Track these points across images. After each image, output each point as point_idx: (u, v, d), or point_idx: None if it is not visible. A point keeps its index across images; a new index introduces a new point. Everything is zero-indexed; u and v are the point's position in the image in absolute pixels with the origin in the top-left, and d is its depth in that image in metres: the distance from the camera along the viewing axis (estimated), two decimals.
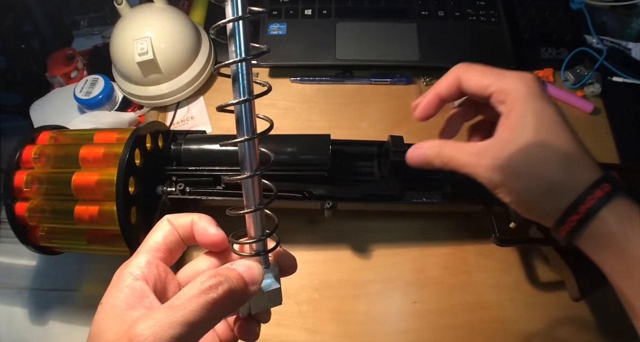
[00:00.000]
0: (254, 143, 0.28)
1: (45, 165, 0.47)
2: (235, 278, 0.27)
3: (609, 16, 0.76)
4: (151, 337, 0.23)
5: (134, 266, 0.28)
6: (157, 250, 0.30)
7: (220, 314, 0.26)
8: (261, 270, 0.29)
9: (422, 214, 0.58)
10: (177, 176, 0.50)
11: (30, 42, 0.77)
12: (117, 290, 0.27)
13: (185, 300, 0.25)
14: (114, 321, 0.25)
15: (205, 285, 0.25)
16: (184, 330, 0.24)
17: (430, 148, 0.37)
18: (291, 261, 0.33)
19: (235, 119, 0.27)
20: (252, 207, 0.29)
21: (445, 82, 0.38)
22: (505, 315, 0.53)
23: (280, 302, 0.31)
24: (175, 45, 0.64)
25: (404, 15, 0.71)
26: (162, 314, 0.24)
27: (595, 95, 0.68)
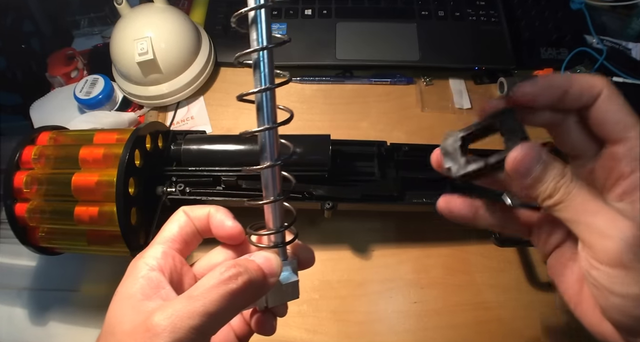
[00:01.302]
0: (274, 132, 0.27)
1: (45, 166, 0.47)
2: (255, 269, 0.26)
3: (609, 16, 0.76)
4: (169, 327, 0.23)
5: (149, 256, 0.28)
6: (173, 241, 0.29)
7: (239, 305, 0.25)
8: (279, 262, 0.28)
9: (422, 214, 0.58)
10: (177, 176, 0.50)
11: (30, 42, 0.77)
12: (132, 280, 0.26)
13: (205, 290, 0.24)
14: (129, 311, 0.25)
15: (225, 275, 0.25)
16: (203, 321, 0.23)
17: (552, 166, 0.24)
18: (309, 254, 0.32)
19: (255, 108, 0.27)
20: (272, 197, 0.28)
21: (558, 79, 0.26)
22: (505, 315, 0.53)
23: (298, 296, 0.31)
24: (175, 45, 0.64)
25: (404, 15, 0.71)
26: (180, 304, 0.24)
27: None
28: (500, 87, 0.69)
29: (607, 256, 0.22)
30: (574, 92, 0.25)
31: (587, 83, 0.25)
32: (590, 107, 0.25)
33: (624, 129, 0.24)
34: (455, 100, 0.68)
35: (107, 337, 0.25)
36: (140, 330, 0.23)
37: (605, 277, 0.23)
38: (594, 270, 0.23)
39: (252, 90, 0.26)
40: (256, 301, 0.28)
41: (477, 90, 0.69)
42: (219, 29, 0.74)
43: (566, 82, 0.25)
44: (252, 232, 0.30)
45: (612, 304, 0.23)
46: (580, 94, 0.25)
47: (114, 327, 0.25)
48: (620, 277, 0.22)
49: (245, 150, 0.51)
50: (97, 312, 0.54)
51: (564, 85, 0.25)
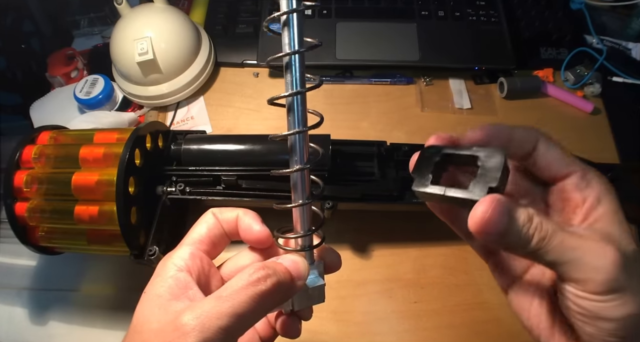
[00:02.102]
0: (305, 136, 0.27)
1: (45, 166, 0.47)
2: (283, 272, 0.26)
3: (609, 16, 0.76)
4: (198, 327, 0.23)
5: (177, 257, 0.28)
6: (201, 242, 0.29)
7: (267, 307, 0.26)
8: (307, 265, 0.28)
9: (422, 214, 0.58)
10: (177, 176, 0.50)
11: (30, 42, 0.77)
12: (160, 280, 0.26)
13: (234, 291, 0.24)
14: (158, 311, 0.25)
15: (254, 277, 0.25)
16: (231, 321, 0.23)
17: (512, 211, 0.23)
18: (336, 258, 0.32)
19: (286, 111, 0.27)
20: (300, 201, 0.28)
21: None
22: (505, 315, 0.52)
23: (323, 300, 0.31)
24: (175, 45, 0.64)
25: (404, 15, 0.71)
26: (209, 304, 0.24)
27: (595, 95, 0.68)
28: (500, 87, 0.69)
29: (600, 287, 0.23)
30: (517, 139, 0.27)
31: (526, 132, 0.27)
32: (531, 154, 0.27)
33: (567, 166, 0.26)
34: (455, 100, 0.68)
35: (133, 336, 0.25)
36: (168, 329, 0.23)
37: (596, 306, 0.23)
38: (584, 301, 0.23)
39: (284, 94, 0.26)
40: (283, 303, 0.29)
41: (477, 91, 0.69)
42: (219, 29, 0.74)
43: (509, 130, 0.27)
44: (280, 235, 0.30)
45: (604, 329, 0.24)
46: (523, 141, 0.27)
47: (141, 326, 0.25)
48: (613, 301, 0.23)
49: (245, 150, 0.51)
50: (97, 312, 0.54)
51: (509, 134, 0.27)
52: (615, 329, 0.23)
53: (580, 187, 0.26)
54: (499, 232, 0.23)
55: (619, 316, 0.23)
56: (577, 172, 0.26)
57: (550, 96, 0.68)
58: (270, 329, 0.32)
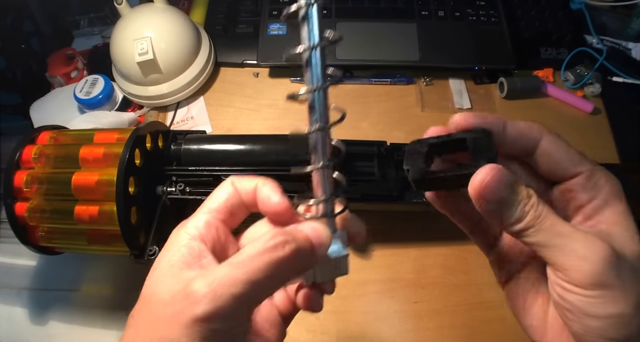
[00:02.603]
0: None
1: (45, 166, 0.47)
2: (302, 239, 0.25)
3: (609, 16, 0.76)
4: (210, 294, 0.21)
5: (191, 226, 0.26)
6: (218, 211, 0.27)
7: (284, 275, 0.24)
8: (329, 233, 0.26)
9: (422, 214, 0.58)
10: (177, 176, 0.50)
11: (30, 42, 0.77)
12: (173, 249, 0.25)
13: (249, 257, 0.23)
14: (169, 280, 0.23)
15: (270, 243, 0.23)
16: (245, 289, 0.22)
17: None
18: (360, 227, 0.30)
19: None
20: (320, 163, 0.26)
21: None
22: (505, 315, 0.52)
23: (347, 272, 0.29)
24: (175, 45, 0.64)
25: (404, 15, 0.71)
26: (222, 271, 0.22)
27: (595, 95, 0.68)
28: (500, 87, 0.69)
29: (586, 278, 0.22)
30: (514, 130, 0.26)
31: (526, 128, 0.26)
32: (533, 150, 0.26)
33: (574, 166, 0.25)
34: (455, 100, 0.68)
35: (143, 306, 0.24)
36: (179, 297, 0.22)
37: (582, 300, 0.23)
38: (570, 294, 0.23)
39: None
40: (302, 273, 0.27)
41: (477, 91, 0.70)
42: (219, 29, 0.74)
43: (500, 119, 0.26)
44: (300, 202, 0.28)
45: (590, 328, 0.23)
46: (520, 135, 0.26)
47: (151, 297, 0.24)
48: (600, 298, 0.22)
49: (245, 150, 0.51)
50: (97, 312, 0.54)
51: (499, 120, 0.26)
52: (603, 329, 0.23)
53: (586, 188, 0.25)
54: (497, 200, 0.23)
55: (606, 314, 0.22)
56: (585, 173, 0.25)
57: (550, 96, 0.68)
58: (290, 304, 0.30)
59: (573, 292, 0.23)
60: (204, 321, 0.21)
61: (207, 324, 0.21)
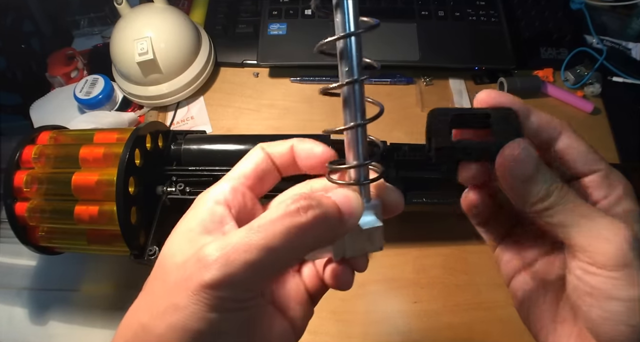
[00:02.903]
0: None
1: (45, 166, 0.47)
2: (330, 205, 0.22)
3: (609, 16, 0.76)
4: (222, 259, 0.20)
5: (216, 190, 0.25)
6: (246, 177, 0.26)
7: (306, 244, 0.22)
8: (360, 202, 0.24)
9: (422, 214, 0.58)
10: (177, 176, 0.50)
11: (30, 42, 0.77)
12: (194, 213, 0.24)
13: (267, 222, 0.21)
14: (185, 243, 0.23)
15: (292, 207, 0.21)
16: (261, 255, 0.20)
17: None
18: (397, 198, 0.27)
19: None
20: (354, 122, 0.24)
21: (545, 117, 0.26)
22: (505, 315, 0.52)
23: (381, 247, 0.26)
24: (175, 45, 0.64)
25: (404, 15, 0.71)
26: (237, 235, 0.21)
27: (595, 95, 0.68)
28: (500, 87, 0.69)
29: (609, 259, 0.22)
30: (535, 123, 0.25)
31: (547, 120, 0.25)
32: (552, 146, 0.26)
33: (592, 163, 0.25)
34: (455, 100, 0.68)
35: (158, 270, 0.23)
36: (190, 261, 0.21)
37: (605, 282, 0.22)
38: (591, 276, 0.22)
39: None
40: (328, 243, 0.24)
41: (477, 90, 0.68)
42: (219, 29, 0.74)
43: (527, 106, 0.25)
44: (332, 167, 0.26)
45: (612, 312, 0.22)
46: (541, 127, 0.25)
47: (165, 260, 0.23)
48: (623, 279, 0.22)
49: (245, 150, 0.51)
50: (97, 312, 0.54)
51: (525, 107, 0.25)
52: (624, 313, 0.22)
53: (602, 186, 0.25)
54: (525, 175, 0.23)
55: (629, 296, 0.21)
56: (602, 171, 0.25)
57: (550, 96, 0.68)
58: (318, 281, 0.27)
59: (595, 274, 0.22)
60: (212, 287, 0.20)
61: (215, 291, 0.20)
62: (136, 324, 0.22)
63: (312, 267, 0.28)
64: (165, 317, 0.21)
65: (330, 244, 0.25)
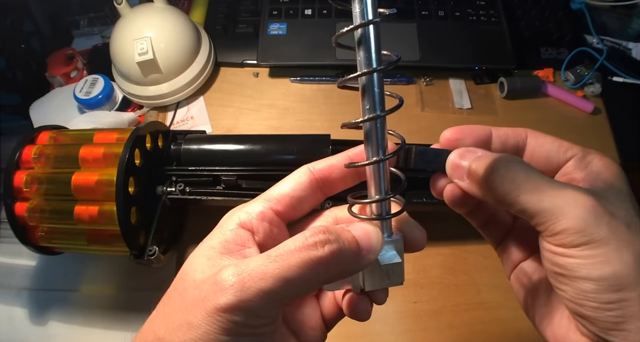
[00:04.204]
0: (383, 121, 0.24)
1: (45, 166, 0.47)
2: (348, 240, 0.23)
3: (609, 16, 0.76)
4: (237, 285, 0.21)
5: (245, 211, 0.25)
6: (278, 202, 0.26)
7: (322, 277, 0.22)
8: (380, 237, 0.24)
9: (422, 214, 0.57)
10: (177, 176, 0.50)
11: (30, 42, 0.77)
12: (219, 232, 0.25)
13: (284, 252, 0.22)
14: (206, 261, 0.23)
15: (310, 240, 0.22)
16: (276, 285, 0.21)
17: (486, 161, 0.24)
18: (420, 234, 0.27)
19: (360, 94, 0.24)
20: (376, 157, 0.23)
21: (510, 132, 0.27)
22: (505, 315, 0.52)
23: (402, 282, 0.26)
24: (175, 45, 0.64)
25: (404, 15, 0.71)
26: (255, 262, 0.21)
27: (596, 95, 0.68)
28: (500, 87, 0.69)
29: (572, 235, 0.21)
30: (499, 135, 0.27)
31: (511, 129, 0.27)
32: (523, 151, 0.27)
33: (565, 152, 0.26)
34: (455, 100, 0.68)
35: (177, 283, 0.24)
36: (208, 282, 0.22)
37: (572, 262, 0.21)
38: (559, 257, 0.22)
39: (357, 73, 0.23)
40: (345, 277, 0.24)
41: (477, 91, 0.69)
42: (219, 29, 0.74)
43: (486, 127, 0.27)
44: (353, 201, 0.26)
45: (584, 292, 0.21)
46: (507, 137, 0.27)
47: (186, 275, 0.23)
48: (591, 258, 0.21)
49: (245, 150, 0.51)
50: (97, 312, 0.54)
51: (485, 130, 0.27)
52: (597, 292, 0.21)
53: (580, 167, 0.25)
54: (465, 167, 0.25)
55: (599, 276, 0.20)
56: (577, 155, 0.25)
57: (551, 96, 0.68)
58: (335, 308, 0.28)
59: (562, 254, 0.22)
60: (226, 311, 0.21)
61: (229, 315, 0.21)
62: (152, 336, 0.23)
63: (330, 294, 0.28)
64: (180, 333, 0.21)
65: (347, 277, 0.25)
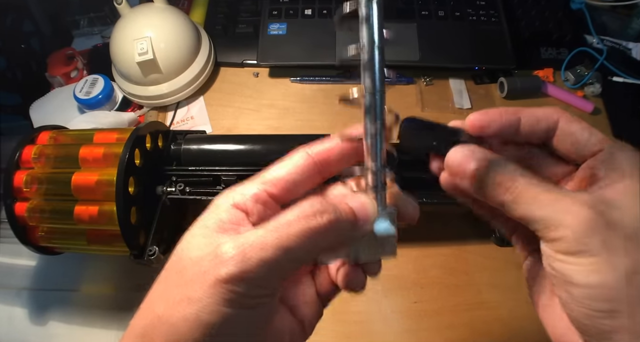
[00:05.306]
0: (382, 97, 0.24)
1: (45, 166, 0.47)
2: (345, 211, 0.23)
3: (609, 16, 0.76)
4: (238, 256, 0.21)
5: (239, 193, 0.25)
6: (273, 185, 0.26)
7: (320, 246, 0.23)
8: (375, 208, 0.25)
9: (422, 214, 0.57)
10: (177, 176, 0.50)
11: (30, 42, 0.77)
12: (213, 212, 0.24)
13: (283, 223, 0.22)
14: (201, 240, 0.23)
15: (308, 211, 0.22)
16: (277, 254, 0.21)
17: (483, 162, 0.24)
18: (412, 208, 0.28)
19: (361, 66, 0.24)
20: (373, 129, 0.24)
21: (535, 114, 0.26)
22: (505, 315, 0.52)
23: (394, 254, 0.27)
24: (175, 45, 0.64)
25: (404, 15, 0.71)
26: (254, 234, 0.22)
27: (596, 95, 0.68)
28: (500, 87, 0.69)
29: (567, 243, 0.21)
30: (529, 120, 0.26)
31: (542, 112, 0.26)
32: (552, 136, 0.26)
33: (594, 145, 0.25)
34: (455, 100, 0.68)
35: (173, 262, 0.24)
36: (207, 257, 0.22)
37: (565, 267, 0.22)
38: (556, 262, 0.22)
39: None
40: (341, 247, 0.25)
41: (477, 91, 0.69)
42: (219, 29, 0.74)
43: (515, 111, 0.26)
44: (349, 173, 0.27)
45: (574, 297, 0.22)
46: (537, 122, 0.26)
47: (181, 253, 0.23)
48: (582, 265, 0.21)
49: (245, 150, 0.51)
50: (97, 312, 0.54)
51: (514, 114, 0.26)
52: (587, 298, 0.21)
53: (606, 164, 0.24)
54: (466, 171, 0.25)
55: (587, 283, 0.21)
56: (605, 150, 0.25)
57: (551, 96, 0.68)
58: (330, 284, 0.28)
59: (559, 260, 0.22)
60: (227, 282, 0.21)
61: (231, 286, 0.21)
62: (152, 315, 0.22)
63: (324, 270, 0.29)
64: (180, 308, 0.21)
65: (343, 247, 0.25)
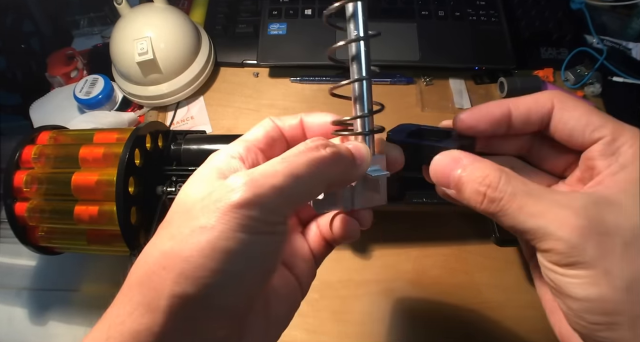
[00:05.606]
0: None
1: (45, 166, 0.47)
2: (344, 149, 0.24)
3: (609, 16, 0.76)
4: (250, 182, 0.21)
5: (229, 148, 0.26)
6: (257, 141, 0.26)
7: (325, 176, 0.23)
8: (368, 150, 0.26)
9: (422, 214, 0.58)
10: (177, 176, 0.50)
11: (30, 42, 0.77)
12: (210, 162, 0.24)
13: (291, 154, 0.23)
14: (204, 184, 0.23)
15: (312, 144, 0.23)
16: (287, 181, 0.21)
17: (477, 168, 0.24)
18: (398, 154, 0.28)
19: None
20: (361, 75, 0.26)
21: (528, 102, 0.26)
22: (505, 315, 0.52)
23: (385, 201, 0.28)
24: (175, 45, 0.64)
25: (404, 15, 0.71)
26: (263, 166, 0.22)
27: (596, 95, 0.68)
28: (500, 87, 0.69)
29: (558, 255, 0.21)
30: (520, 113, 0.25)
31: (534, 101, 0.25)
32: (548, 125, 0.25)
33: (592, 132, 0.24)
34: (455, 100, 0.68)
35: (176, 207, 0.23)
36: (217, 190, 0.21)
37: (562, 280, 0.21)
38: (552, 273, 0.22)
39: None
40: (342, 184, 0.26)
41: (477, 91, 0.69)
42: (219, 29, 0.74)
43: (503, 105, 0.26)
44: (338, 121, 0.28)
45: (572, 309, 0.21)
46: (528, 114, 0.25)
47: (185, 197, 0.23)
48: (578, 278, 0.21)
49: None
50: (97, 312, 0.54)
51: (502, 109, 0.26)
52: (584, 311, 0.21)
53: (605, 154, 0.23)
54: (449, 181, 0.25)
55: (584, 296, 0.20)
56: (606, 137, 0.23)
57: None
58: (322, 241, 0.29)
59: (554, 271, 0.22)
60: (242, 207, 0.20)
61: (245, 211, 0.20)
62: (157, 253, 0.21)
63: (315, 230, 0.29)
64: (192, 239, 0.20)
65: (344, 186, 0.26)
